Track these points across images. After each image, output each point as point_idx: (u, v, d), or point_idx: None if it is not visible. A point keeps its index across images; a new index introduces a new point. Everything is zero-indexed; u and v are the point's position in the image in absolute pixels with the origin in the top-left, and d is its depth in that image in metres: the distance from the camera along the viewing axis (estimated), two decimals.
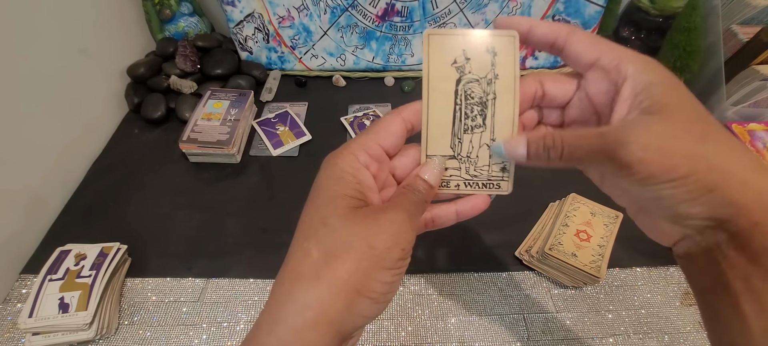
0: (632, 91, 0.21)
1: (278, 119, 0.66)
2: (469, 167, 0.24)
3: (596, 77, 0.23)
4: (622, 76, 0.21)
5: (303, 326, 0.19)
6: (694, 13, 0.63)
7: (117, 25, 0.68)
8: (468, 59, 0.23)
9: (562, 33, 0.23)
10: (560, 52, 0.23)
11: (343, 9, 0.67)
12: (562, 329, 0.43)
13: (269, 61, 0.76)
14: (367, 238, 0.20)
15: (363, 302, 0.20)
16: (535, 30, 0.23)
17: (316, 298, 0.19)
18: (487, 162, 0.24)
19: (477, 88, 0.23)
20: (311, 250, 0.20)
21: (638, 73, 0.21)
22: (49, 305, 0.40)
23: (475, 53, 0.23)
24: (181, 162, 0.60)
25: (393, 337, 0.43)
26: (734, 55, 0.65)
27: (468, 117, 0.24)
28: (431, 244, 0.50)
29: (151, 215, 0.53)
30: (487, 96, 0.24)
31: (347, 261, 0.20)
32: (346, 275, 0.19)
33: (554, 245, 0.44)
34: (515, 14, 0.68)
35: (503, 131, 0.24)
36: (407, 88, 0.73)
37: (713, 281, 0.21)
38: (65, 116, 0.57)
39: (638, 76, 0.21)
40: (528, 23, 0.23)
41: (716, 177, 0.19)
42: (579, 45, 0.22)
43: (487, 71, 0.23)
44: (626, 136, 0.19)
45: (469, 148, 0.24)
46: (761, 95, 0.61)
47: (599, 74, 0.22)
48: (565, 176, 0.58)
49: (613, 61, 0.22)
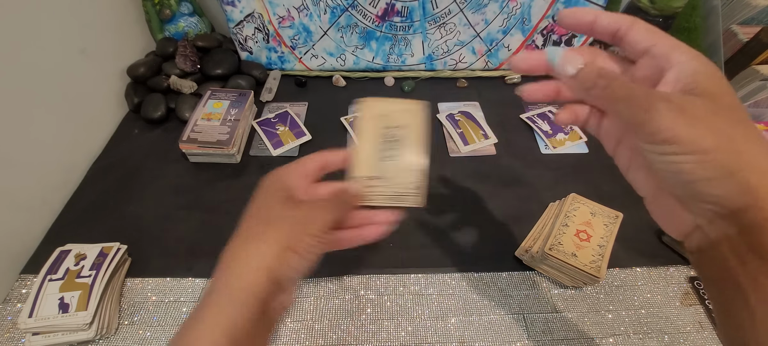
0: (677, 75, 0.22)
1: (278, 119, 0.66)
2: (386, 186, 0.32)
3: (647, 63, 0.24)
4: (670, 63, 0.22)
5: (247, 271, 0.25)
6: (694, 13, 0.63)
7: (117, 25, 0.68)
8: (387, 115, 0.33)
9: (625, 23, 0.24)
10: (620, 40, 0.25)
11: (343, 9, 0.67)
12: (562, 329, 0.43)
13: (269, 61, 0.76)
14: (294, 214, 0.28)
15: (292, 255, 0.26)
16: (600, 20, 0.25)
17: (256, 251, 0.26)
18: (400, 182, 0.32)
19: (393, 132, 0.33)
20: (255, 224, 0.28)
21: (687, 61, 0.22)
22: (49, 305, 0.40)
23: (392, 111, 0.33)
24: (181, 162, 0.60)
25: (393, 337, 0.43)
26: (734, 55, 0.65)
27: (386, 150, 0.32)
28: (431, 244, 0.50)
29: (151, 215, 0.53)
30: (399, 137, 0.32)
31: (280, 228, 0.27)
32: (279, 236, 0.26)
33: (554, 245, 0.44)
34: (515, 14, 0.68)
35: (410, 158, 0.32)
36: (407, 88, 0.73)
37: (723, 276, 0.21)
38: (65, 116, 0.57)
39: (687, 64, 0.22)
40: (593, 14, 0.25)
41: (738, 160, 0.19)
42: (638, 34, 0.24)
43: (399, 122, 0.33)
44: (667, 98, 0.21)
45: (386, 171, 0.32)
46: (761, 95, 0.61)
47: (650, 61, 0.24)
48: (565, 176, 0.58)
49: (665, 49, 0.23)
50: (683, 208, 0.22)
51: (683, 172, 0.20)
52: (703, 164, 0.20)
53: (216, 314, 0.24)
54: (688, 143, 0.20)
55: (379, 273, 0.48)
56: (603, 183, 0.56)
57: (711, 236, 0.21)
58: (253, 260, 0.26)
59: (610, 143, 0.27)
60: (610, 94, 0.22)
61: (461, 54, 0.73)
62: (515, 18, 0.69)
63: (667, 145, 0.20)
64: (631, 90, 0.22)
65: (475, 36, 0.71)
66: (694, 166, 0.20)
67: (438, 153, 0.62)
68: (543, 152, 0.62)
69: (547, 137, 0.63)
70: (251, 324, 0.24)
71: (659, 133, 0.20)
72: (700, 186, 0.20)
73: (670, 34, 0.23)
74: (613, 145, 0.27)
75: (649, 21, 0.24)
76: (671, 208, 0.23)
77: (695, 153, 0.19)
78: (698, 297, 0.45)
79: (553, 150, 0.62)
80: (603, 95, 0.23)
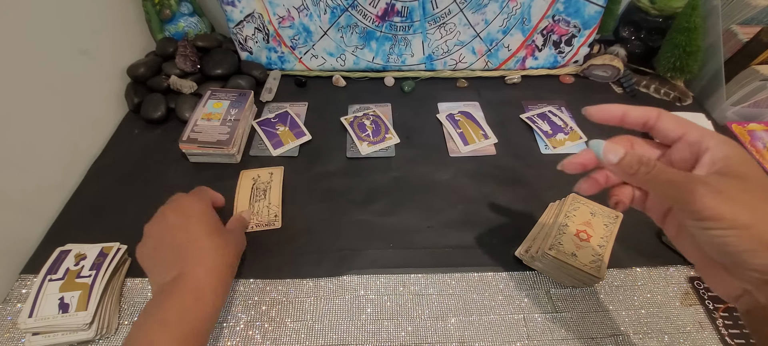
0: (711, 159, 0.25)
1: (278, 119, 0.66)
2: (260, 218, 0.52)
3: (681, 148, 0.28)
4: (703, 148, 0.26)
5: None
6: (694, 13, 0.63)
7: (117, 25, 0.68)
8: (260, 176, 0.57)
9: (653, 116, 0.29)
10: (651, 129, 0.29)
11: (343, 9, 0.67)
12: (562, 329, 0.43)
13: (269, 61, 0.76)
14: (223, 242, 0.42)
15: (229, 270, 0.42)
16: (629, 115, 0.29)
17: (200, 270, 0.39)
18: (266, 216, 0.52)
19: (260, 184, 0.56)
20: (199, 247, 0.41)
21: (718, 146, 0.25)
22: (49, 305, 0.40)
23: (262, 174, 0.57)
24: (181, 162, 0.60)
25: (393, 337, 0.43)
26: (734, 55, 0.65)
27: (257, 195, 0.55)
28: (431, 244, 0.50)
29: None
30: (266, 187, 0.55)
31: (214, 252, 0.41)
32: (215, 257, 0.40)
33: (554, 245, 0.44)
34: (515, 14, 0.68)
35: (276, 200, 0.54)
36: (407, 88, 0.73)
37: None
38: (65, 116, 0.57)
39: (718, 148, 0.25)
40: (621, 109, 0.29)
41: None
42: (668, 123, 0.28)
43: (267, 179, 0.56)
44: (705, 181, 0.24)
45: (259, 208, 0.53)
46: (761, 95, 0.61)
47: (685, 146, 0.27)
48: (565, 176, 0.58)
49: (696, 137, 0.27)
50: (730, 275, 0.25)
51: (728, 245, 0.23)
52: (744, 238, 0.22)
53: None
54: (729, 220, 0.22)
55: (379, 273, 0.48)
56: None
57: (761, 300, 0.24)
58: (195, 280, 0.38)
59: (657, 217, 0.30)
60: (652, 179, 0.25)
61: (461, 54, 0.73)
62: (515, 18, 0.69)
63: (710, 221, 0.23)
64: (671, 175, 0.25)
65: (475, 36, 0.71)
66: (737, 240, 0.23)
67: (438, 153, 0.62)
68: (543, 152, 0.62)
69: (547, 137, 0.63)
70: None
71: (703, 211, 0.23)
72: (745, 257, 0.23)
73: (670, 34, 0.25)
74: (660, 219, 0.30)
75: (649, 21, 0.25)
76: (720, 274, 0.26)
77: (737, 228, 0.22)
78: (698, 297, 0.45)
79: (553, 150, 0.62)
80: (645, 180, 0.25)
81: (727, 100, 0.64)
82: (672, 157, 0.29)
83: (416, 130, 0.66)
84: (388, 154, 0.62)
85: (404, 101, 0.71)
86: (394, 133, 0.64)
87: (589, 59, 0.74)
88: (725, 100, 0.64)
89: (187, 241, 0.40)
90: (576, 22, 0.69)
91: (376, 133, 0.64)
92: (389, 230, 0.52)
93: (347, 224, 0.52)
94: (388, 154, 0.62)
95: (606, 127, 0.31)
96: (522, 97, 0.72)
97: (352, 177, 0.58)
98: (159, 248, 0.40)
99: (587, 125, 0.65)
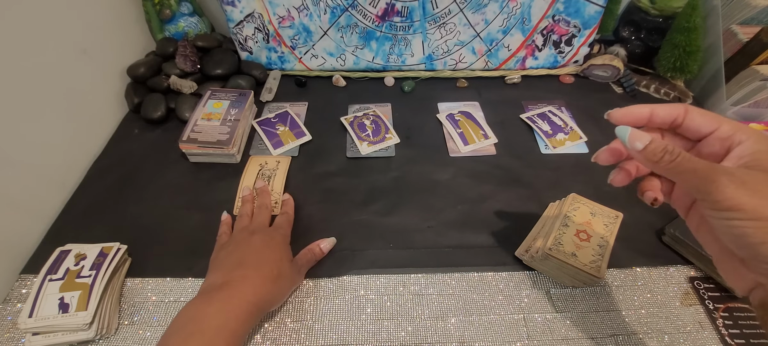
0: (740, 153, 0.26)
1: (278, 119, 0.66)
2: None
3: (711, 142, 0.28)
4: (736, 142, 0.26)
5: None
6: (694, 13, 0.63)
7: (117, 25, 0.68)
8: (267, 163, 0.59)
9: (681, 112, 0.28)
10: (678, 126, 0.29)
11: (343, 9, 0.67)
12: (562, 329, 0.43)
13: (269, 61, 0.76)
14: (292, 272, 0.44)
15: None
16: (657, 114, 0.29)
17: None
18: None
19: (266, 170, 0.58)
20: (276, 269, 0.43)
21: (748, 139, 0.26)
22: (49, 305, 0.40)
23: (270, 161, 0.59)
24: (181, 162, 0.60)
25: (393, 337, 0.43)
26: (734, 55, 0.65)
27: (262, 180, 0.56)
28: (431, 244, 0.50)
29: (151, 215, 0.53)
30: (272, 174, 0.57)
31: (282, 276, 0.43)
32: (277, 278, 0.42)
33: (554, 245, 0.44)
34: (515, 14, 0.68)
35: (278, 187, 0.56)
36: (407, 88, 0.73)
37: None
38: (65, 116, 0.57)
39: (748, 143, 0.26)
40: (648, 110, 0.29)
41: None
42: (698, 119, 0.28)
43: (273, 166, 0.58)
44: (730, 172, 0.24)
45: None
46: (761, 95, 0.61)
47: (715, 141, 0.27)
48: (565, 176, 0.58)
49: (729, 131, 0.27)
50: (746, 267, 0.25)
51: (746, 235, 0.23)
52: (763, 230, 0.22)
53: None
54: (750, 211, 0.22)
55: (379, 273, 0.48)
56: (603, 183, 0.56)
57: None
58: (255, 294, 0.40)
59: (681, 209, 0.30)
60: (676, 166, 0.25)
61: (461, 54, 0.73)
62: (515, 18, 0.69)
63: (730, 212, 0.23)
64: (695, 163, 0.25)
65: (475, 36, 0.71)
66: (755, 231, 0.23)
67: (438, 153, 0.62)
68: (543, 152, 0.62)
69: (547, 137, 0.63)
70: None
71: (724, 201, 0.23)
72: (762, 249, 0.23)
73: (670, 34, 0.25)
74: (684, 211, 0.30)
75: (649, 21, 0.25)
76: (736, 267, 0.27)
77: (757, 219, 0.22)
78: (698, 297, 0.45)
79: (553, 150, 0.62)
80: (669, 168, 0.25)
81: (727, 100, 0.64)
82: (701, 151, 0.28)
83: (416, 130, 0.66)
84: (388, 154, 0.62)
85: (404, 101, 0.71)
86: (394, 133, 0.64)
87: (589, 59, 0.74)
88: (725, 100, 0.64)
89: (253, 258, 0.42)
90: (576, 22, 0.69)
91: (376, 133, 0.64)
92: (389, 229, 0.52)
93: (347, 224, 0.52)
94: (388, 154, 0.62)
95: (606, 127, 0.31)
96: (522, 97, 0.72)
97: (352, 177, 0.58)
98: (233, 252, 0.44)
99: (587, 125, 0.65)
